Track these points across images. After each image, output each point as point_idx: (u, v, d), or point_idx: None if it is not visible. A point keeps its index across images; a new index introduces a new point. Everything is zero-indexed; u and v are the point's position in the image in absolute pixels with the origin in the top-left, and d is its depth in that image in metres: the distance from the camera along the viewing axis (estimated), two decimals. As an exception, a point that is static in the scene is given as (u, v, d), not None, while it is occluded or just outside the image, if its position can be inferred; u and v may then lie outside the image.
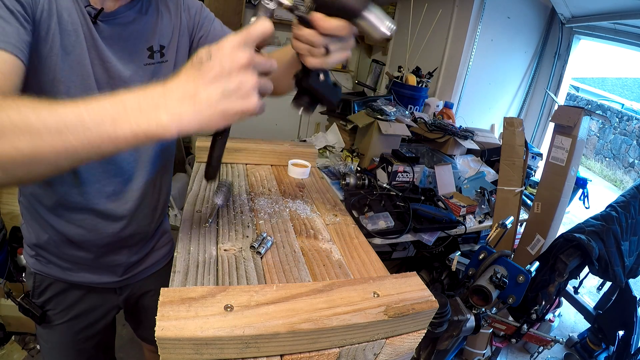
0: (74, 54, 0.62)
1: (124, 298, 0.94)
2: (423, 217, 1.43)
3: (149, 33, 0.71)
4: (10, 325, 1.72)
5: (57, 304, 0.86)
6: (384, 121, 1.74)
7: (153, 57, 0.73)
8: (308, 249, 0.60)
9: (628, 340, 1.65)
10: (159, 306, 0.37)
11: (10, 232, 1.82)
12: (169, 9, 0.75)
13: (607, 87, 9.23)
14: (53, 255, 0.81)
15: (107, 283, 0.87)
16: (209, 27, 0.82)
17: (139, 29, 0.69)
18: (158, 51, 0.73)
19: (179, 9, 0.76)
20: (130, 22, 0.68)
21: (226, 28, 0.85)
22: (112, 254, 0.84)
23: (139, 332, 1.11)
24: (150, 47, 0.72)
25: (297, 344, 0.39)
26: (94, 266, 0.83)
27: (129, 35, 0.68)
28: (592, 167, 8.00)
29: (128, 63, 0.69)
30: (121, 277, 0.88)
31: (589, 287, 2.79)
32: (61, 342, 0.90)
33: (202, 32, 0.81)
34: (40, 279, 0.84)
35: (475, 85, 2.60)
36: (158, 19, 0.73)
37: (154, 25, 0.72)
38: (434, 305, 0.47)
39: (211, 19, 0.83)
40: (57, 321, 0.87)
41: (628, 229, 1.33)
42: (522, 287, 0.93)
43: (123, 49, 0.68)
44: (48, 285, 0.84)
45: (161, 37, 0.73)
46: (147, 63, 0.72)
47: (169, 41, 0.75)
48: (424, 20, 2.49)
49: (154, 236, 0.94)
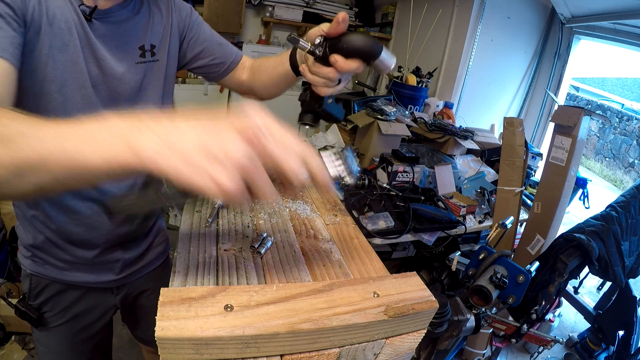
0: (68, 52, 0.62)
1: (121, 298, 0.93)
2: (423, 217, 1.43)
3: (141, 32, 0.72)
4: (10, 325, 1.72)
5: (54, 305, 0.85)
6: (384, 121, 1.74)
7: (144, 56, 0.74)
8: (308, 249, 0.60)
9: (628, 340, 1.65)
10: (159, 306, 0.37)
11: (10, 232, 1.82)
12: (160, 9, 0.76)
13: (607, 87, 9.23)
14: (50, 255, 0.80)
15: (105, 282, 0.87)
16: (198, 30, 0.83)
17: (131, 27, 0.70)
18: (149, 50, 0.74)
19: (170, 9, 0.77)
20: (123, 21, 0.68)
21: (215, 33, 0.87)
22: (110, 251, 0.84)
23: (137, 333, 1.10)
24: (142, 46, 0.73)
25: (297, 344, 0.39)
26: (91, 265, 0.83)
27: (122, 33, 0.69)
28: (592, 167, 8.00)
29: (121, 61, 0.70)
30: (118, 275, 0.87)
31: (589, 287, 2.79)
32: (59, 345, 0.88)
33: (192, 35, 0.83)
34: (36, 281, 0.83)
35: (475, 85, 2.60)
36: (149, 19, 0.74)
37: (146, 24, 0.73)
38: (434, 305, 0.47)
39: (200, 23, 0.85)
40: (54, 323, 0.86)
41: (628, 229, 1.33)
42: (522, 287, 0.93)
43: (116, 47, 0.69)
44: (45, 286, 0.83)
45: (152, 37, 0.74)
46: (139, 62, 0.73)
47: (160, 40, 0.76)
48: (424, 20, 2.49)
49: (150, 233, 0.94)
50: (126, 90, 0.72)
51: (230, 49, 0.88)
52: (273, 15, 3.18)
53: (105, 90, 0.70)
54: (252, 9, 3.22)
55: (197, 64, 0.86)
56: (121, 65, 0.70)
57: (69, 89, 0.64)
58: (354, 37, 0.58)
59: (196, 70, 0.88)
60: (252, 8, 3.19)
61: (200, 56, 0.85)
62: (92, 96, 0.68)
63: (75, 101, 0.66)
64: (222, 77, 0.89)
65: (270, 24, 3.25)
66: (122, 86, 0.72)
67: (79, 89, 0.66)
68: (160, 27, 0.76)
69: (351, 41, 0.58)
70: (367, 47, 0.58)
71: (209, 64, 0.86)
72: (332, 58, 0.58)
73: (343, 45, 0.58)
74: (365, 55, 0.58)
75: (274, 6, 3.16)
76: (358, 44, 0.58)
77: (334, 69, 0.59)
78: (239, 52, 0.90)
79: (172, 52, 0.79)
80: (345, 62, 0.58)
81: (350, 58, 0.58)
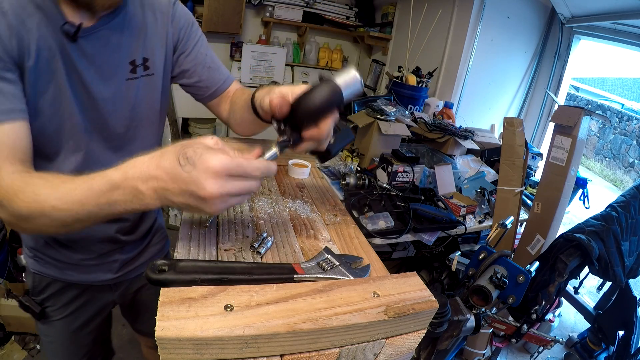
0: (54, 82, 0.61)
1: (119, 294, 0.96)
2: (423, 217, 1.43)
3: (132, 46, 0.68)
4: (10, 325, 1.72)
5: (55, 301, 0.88)
6: (384, 121, 1.74)
7: (135, 72, 0.70)
8: (308, 249, 0.60)
9: (628, 340, 1.65)
10: (159, 306, 0.37)
11: (10, 232, 1.82)
12: (155, 18, 0.71)
13: (607, 87, 9.23)
14: (49, 257, 0.82)
15: (103, 281, 0.89)
16: (191, 46, 0.78)
17: (121, 42, 0.66)
18: (141, 65, 0.70)
19: (166, 19, 0.73)
20: (111, 36, 0.65)
21: (209, 55, 0.81)
22: (108, 253, 0.85)
23: (137, 325, 1.13)
24: (133, 61, 0.69)
25: (297, 344, 0.39)
26: (90, 266, 0.84)
27: (111, 50, 0.65)
28: (592, 167, 8.00)
29: (109, 80, 0.67)
30: (116, 274, 0.89)
31: (589, 287, 2.79)
32: (60, 337, 0.92)
33: (184, 49, 0.78)
34: (39, 279, 0.85)
35: (475, 85, 2.59)
36: (142, 30, 0.69)
37: (137, 37, 0.69)
38: (434, 305, 0.47)
39: (196, 39, 0.79)
40: (55, 317, 0.89)
41: (628, 229, 1.33)
42: (522, 287, 0.93)
43: (104, 64, 0.65)
44: (47, 284, 0.86)
45: (145, 50, 0.70)
46: (130, 78, 0.70)
47: (154, 53, 0.72)
48: (424, 20, 2.49)
49: (149, 233, 0.95)
50: (117, 110, 0.70)
51: (219, 74, 0.82)
52: (273, 15, 3.18)
53: (95, 114, 0.68)
54: (252, 9, 3.22)
55: (182, 82, 0.82)
56: (110, 85, 0.67)
57: (58, 119, 0.63)
58: (308, 99, 0.49)
59: (184, 88, 0.84)
60: (252, 8, 3.19)
61: (186, 75, 0.80)
62: (81, 124, 0.66)
63: (66, 129, 0.65)
64: (205, 101, 0.85)
65: (270, 24, 3.25)
66: (112, 107, 0.69)
67: (68, 117, 0.64)
68: (155, 38, 0.71)
69: (308, 106, 0.49)
70: (327, 99, 0.48)
71: (194, 85, 0.81)
72: (305, 135, 0.52)
73: (303, 116, 0.49)
74: (332, 106, 0.49)
75: (274, 6, 3.16)
76: (318, 104, 0.49)
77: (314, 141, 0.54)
78: (228, 79, 0.84)
79: (167, 63, 0.76)
80: (318, 130, 0.52)
81: (320, 120, 0.51)
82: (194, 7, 2.90)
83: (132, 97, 0.71)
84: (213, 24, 2.89)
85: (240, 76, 3.16)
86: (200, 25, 2.03)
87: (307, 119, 0.50)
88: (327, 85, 0.49)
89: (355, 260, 0.55)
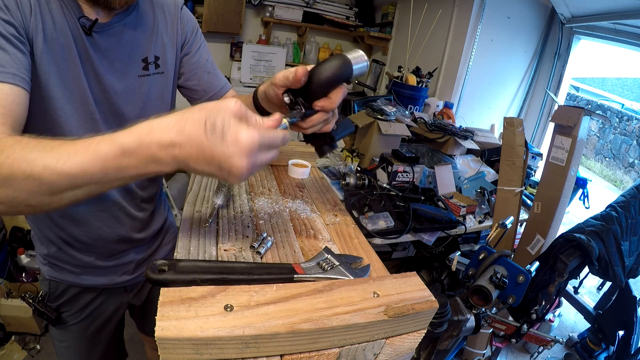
0: (68, 69, 0.61)
1: (134, 294, 0.96)
2: (423, 217, 1.43)
3: (145, 44, 0.70)
4: (10, 325, 1.72)
5: (72, 306, 0.88)
6: (384, 121, 1.74)
7: (148, 69, 0.71)
8: (308, 249, 0.60)
9: (628, 340, 1.65)
10: (158, 306, 0.37)
11: (10, 232, 1.82)
12: (165, 19, 0.73)
13: (607, 87, 9.22)
14: (65, 262, 0.82)
15: (119, 283, 0.89)
16: (195, 49, 0.80)
17: (134, 39, 0.68)
18: (153, 62, 0.72)
19: (176, 20, 0.75)
20: (125, 33, 0.66)
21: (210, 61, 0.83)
22: (122, 253, 0.86)
23: (145, 326, 1.12)
24: (145, 58, 0.71)
25: (297, 344, 0.39)
26: (106, 268, 0.85)
27: (124, 46, 0.67)
28: (592, 167, 8.00)
29: (122, 75, 0.68)
30: (132, 275, 0.90)
31: (589, 287, 2.79)
32: (76, 341, 0.92)
33: (188, 51, 0.80)
34: (55, 285, 0.85)
35: (475, 85, 2.60)
36: (154, 29, 0.71)
37: (150, 35, 0.71)
38: (434, 305, 0.47)
39: (199, 43, 0.81)
40: (71, 322, 0.89)
41: (628, 229, 1.33)
42: (522, 287, 0.93)
43: (117, 60, 0.67)
44: (63, 290, 0.86)
45: (156, 48, 0.72)
46: (142, 75, 0.71)
47: (165, 52, 0.74)
48: (424, 20, 2.49)
49: (160, 232, 0.95)
50: (129, 105, 0.71)
51: (217, 80, 0.85)
52: (273, 15, 3.18)
53: (107, 107, 0.68)
54: (252, 9, 3.22)
55: (180, 82, 0.83)
56: (123, 80, 0.68)
57: (70, 106, 0.63)
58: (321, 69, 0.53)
59: (180, 89, 0.85)
60: (252, 8, 3.19)
61: (185, 76, 0.82)
62: (94, 113, 0.67)
63: (77, 117, 0.65)
64: None
65: (270, 24, 3.25)
66: (124, 102, 0.70)
67: (81, 105, 0.64)
68: (166, 37, 0.73)
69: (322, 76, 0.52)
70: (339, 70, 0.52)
71: (192, 88, 0.83)
72: (316, 105, 0.54)
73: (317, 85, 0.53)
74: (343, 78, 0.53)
75: (274, 6, 3.16)
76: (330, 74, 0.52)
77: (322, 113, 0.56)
78: (226, 86, 0.86)
79: (176, 63, 0.78)
80: (329, 100, 0.54)
81: (330, 92, 0.54)
82: (194, 7, 2.90)
83: (144, 94, 0.72)
84: (213, 24, 2.89)
85: (240, 76, 3.15)
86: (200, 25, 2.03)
87: (321, 87, 0.53)
88: (340, 57, 0.54)
89: (355, 260, 0.55)
